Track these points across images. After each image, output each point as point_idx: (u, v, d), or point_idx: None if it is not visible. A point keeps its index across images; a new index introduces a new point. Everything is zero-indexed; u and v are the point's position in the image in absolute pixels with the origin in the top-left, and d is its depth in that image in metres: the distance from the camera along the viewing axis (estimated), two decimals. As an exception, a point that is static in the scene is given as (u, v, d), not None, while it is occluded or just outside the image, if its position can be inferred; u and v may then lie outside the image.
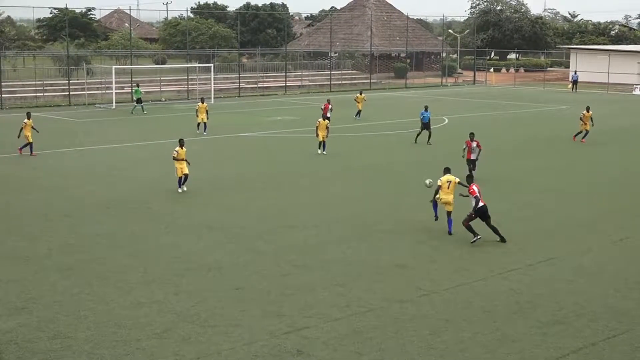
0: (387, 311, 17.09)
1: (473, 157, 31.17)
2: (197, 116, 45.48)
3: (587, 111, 43.32)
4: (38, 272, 19.63)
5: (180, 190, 28.78)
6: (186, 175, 28.75)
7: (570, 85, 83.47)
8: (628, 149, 41.66)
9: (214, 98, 66.05)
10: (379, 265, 20.45)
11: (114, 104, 60.50)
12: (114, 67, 65.68)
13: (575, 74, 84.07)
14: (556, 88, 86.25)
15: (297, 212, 26.25)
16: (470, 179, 23.11)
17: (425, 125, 41.95)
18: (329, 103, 47.19)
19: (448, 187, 23.06)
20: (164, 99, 67.17)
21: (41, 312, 16.88)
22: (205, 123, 45.17)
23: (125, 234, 23.28)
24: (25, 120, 37.43)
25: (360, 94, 55.36)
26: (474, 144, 31.16)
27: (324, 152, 37.79)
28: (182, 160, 28.65)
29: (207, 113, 45.32)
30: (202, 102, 45.87)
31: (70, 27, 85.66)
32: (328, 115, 44.94)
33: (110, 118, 54.29)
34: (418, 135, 42.14)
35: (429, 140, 41.80)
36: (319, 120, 38.27)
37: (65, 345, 15.10)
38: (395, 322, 16.42)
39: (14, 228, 24.00)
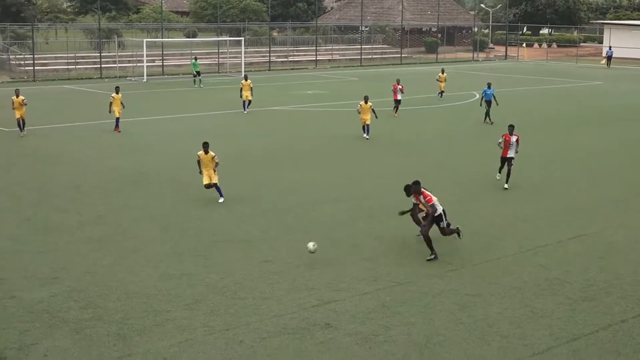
0: (415, 286, 17.08)
1: (510, 154, 25.78)
2: (241, 95, 43.36)
3: None
4: (69, 243, 19.84)
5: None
6: (214, 185, 23.84)
7: (604, 61, 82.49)
8: (662, 126, 41.18)
9: (245, 72, 66.04)
10: (407, 240, 20.42)
11: (145, 77, 60.72)
12: (145, 40, 65.83)
13: (610, 49, 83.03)
14: (589, 64, 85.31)
15: (327, 187, 26.26)
16: (412, 187, 19.27)
17: (488, 103, 40.28)
18: (398, 83, 42.77)
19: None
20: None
21: (72, 282, 17.06)
22: (249, 101, 43.35)
23: (156, 207, 23.43)
24: (114, 95, 36.73)
25: (442, 72, 51.07)
26: (514, 139, 25.72)
27: (367, 137, 35.04)
28: (207, 166, 23.79)
29: (251, 90, 43.44)
30: (246, 80, 43.80)
31: (102, 0, 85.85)
32: (399, 97, 42.45)
33: (141, 91, 54.50)
34: (487, 114, 40.37)
35: (488, 117, 40.22)
36: (360, 103, 35.03)
37: (96, 315, 15.27)
38: (423, 297, 16.42)
39: (45, 200, 24.22)
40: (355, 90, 55.28)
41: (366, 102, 34.96)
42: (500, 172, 26.28)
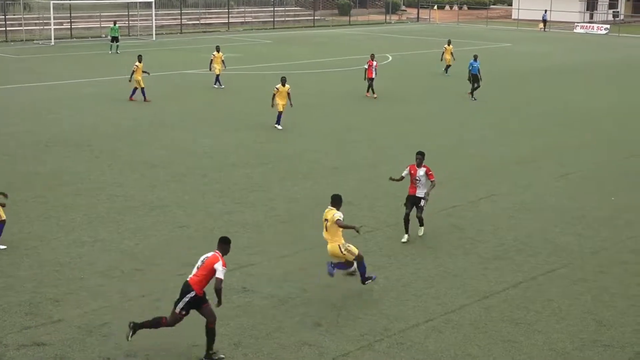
0: (331, 248, 17.18)
1: (419, 193, 17.93)
2: (212, 68, 39.03)
3: None
4: (-22, 211, 19.31)
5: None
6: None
7: (540, 25, 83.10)
8: (569, 86, 42.16)
9: (156, 35, 65.01)
10: (323, 202, 20.43)
11: (52, 40, 59.18)
12: (52, 2, 64.03)
13: (545, 13, 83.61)
14: (499, 26, 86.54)
15: (241, 150, 26.16)
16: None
17: (474, 77, 36.89)
18: (372, 59, 36.75)
19: (326, 228, 15.47)
20: (104, 35, 65.80)
21: (-18, 251, 16.65)
22: (217, 75, 38.94)
23: (67, 173, 22.98)
24: (137, 64, 34.43)
25: (449, 44, 45.50)
26: (421, 172, 17.90)
27: (279, 127, 29.52)
28: None
29: (223, 63, 39.16)
30: (218, 51, 39.17)
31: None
32: (373, 76, 36.62)
33: (49, 54, 53.10)
34: (472, 89, 37.00)
35: (472, 93, 36.94)
36: (277, 86, 29.13)
37: (7, 284, 14.95)
38: (339, 259, 16.53)
39: (-49, 167, 23.52)
40: (270, 53, 55.06)
41: (284, 85, 29.10)
42: (406, 227, 17.91)
